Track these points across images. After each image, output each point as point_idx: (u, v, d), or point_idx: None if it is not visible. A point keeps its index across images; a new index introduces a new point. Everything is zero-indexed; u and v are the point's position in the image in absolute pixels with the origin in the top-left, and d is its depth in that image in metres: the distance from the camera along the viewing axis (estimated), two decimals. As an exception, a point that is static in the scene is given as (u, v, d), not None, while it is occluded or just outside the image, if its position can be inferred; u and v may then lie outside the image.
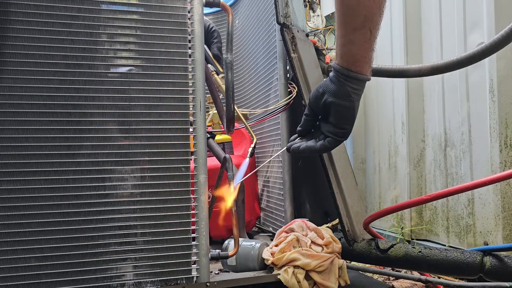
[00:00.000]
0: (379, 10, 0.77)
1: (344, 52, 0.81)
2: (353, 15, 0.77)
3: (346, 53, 0.81)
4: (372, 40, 0.79)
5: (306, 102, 1.29)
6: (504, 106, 1.38)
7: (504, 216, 1.37)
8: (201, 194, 0.98)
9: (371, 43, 0.79)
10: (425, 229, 1.75)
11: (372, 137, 2.11)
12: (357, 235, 1.18)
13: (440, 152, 1.68)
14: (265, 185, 1.61)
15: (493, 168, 1.40)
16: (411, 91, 1.81)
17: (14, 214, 0.85)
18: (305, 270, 1.06)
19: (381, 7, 0.78)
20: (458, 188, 0.92)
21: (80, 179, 0.89)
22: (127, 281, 0.92)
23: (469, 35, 1.51)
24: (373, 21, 0.77)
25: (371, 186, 2.11)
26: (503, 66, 1.38)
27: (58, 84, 0.88)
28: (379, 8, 0.77)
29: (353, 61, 0.81)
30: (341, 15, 0.78)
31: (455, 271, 1.00)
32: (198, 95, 0.98)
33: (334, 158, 1.24)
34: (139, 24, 0.94)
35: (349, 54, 0.80)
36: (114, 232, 0.92)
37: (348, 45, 0.80)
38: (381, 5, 0.77)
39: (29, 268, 0.86)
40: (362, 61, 0.81)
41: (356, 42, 0.79)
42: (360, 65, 0.81)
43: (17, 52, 0.86)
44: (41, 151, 0.87)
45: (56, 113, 0.88)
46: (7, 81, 0.85)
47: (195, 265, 0.97)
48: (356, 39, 0.78)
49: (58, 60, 0.88)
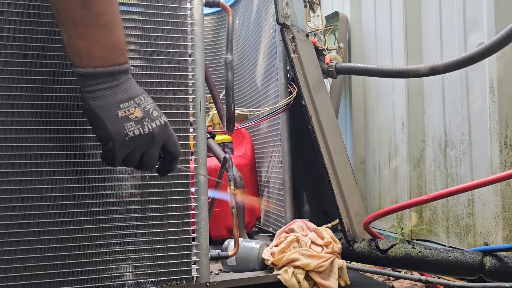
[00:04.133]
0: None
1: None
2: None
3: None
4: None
5: (306, 102, 1.29)
6: (504, 107, 1.38)
7: (504, 217, 1.37)
8: (201, 194, 0.98)
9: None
10: (425, 229, 1.75)
11: (372, 137, 2.11)
12: (357, 235, 1.18)
13: (440, 152, 1.68)
14: (265, 185, 1.61)
15: (493, 169, 1.40)
16: (411, 91, 1.82)
17: (14, 214, 0.85)
18: (305, 270, 1.05)
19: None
20: (458, 189, 0.92)
21: (80, 179, 0.89)
22: (127, 281, 0.92)
23: (469, 35, 1.51)
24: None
25: (371, 186, 2.11)
26: (503, 66, 1.38)
27: (58, 84, 0.88)
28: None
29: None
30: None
31: (455, 271, 1.00)
32: (198, 95, 0.98)
33: (334, 158, 1.24)
34: (139, 24, 0.94)
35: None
36: (114, 232, 0.92)
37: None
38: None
39: (29, 268, 0.86)
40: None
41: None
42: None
43: (17, 52, 0.86)
44: (41, 151, 0.87)
45: (56, 113, 0.88)
46: (7, 81, 0.85)
47: (195, 265, 0.97)
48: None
49: (58, 60, 0.88)
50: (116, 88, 0.75)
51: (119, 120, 0.74)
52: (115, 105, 0.75)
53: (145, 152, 0.78)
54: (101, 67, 0.74)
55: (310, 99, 1.31)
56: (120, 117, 0.75)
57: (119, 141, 0.74)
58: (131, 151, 0.77)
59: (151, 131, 0.77)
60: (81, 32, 0.72)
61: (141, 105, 0.77)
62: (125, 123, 0.75)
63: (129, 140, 0.75)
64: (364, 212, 1.26)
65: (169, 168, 0.84)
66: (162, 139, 0.79)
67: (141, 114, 0.76)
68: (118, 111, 0.75)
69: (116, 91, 0.75)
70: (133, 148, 0.76)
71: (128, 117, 0.75)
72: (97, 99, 0.74)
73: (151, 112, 0.78)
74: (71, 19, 0.72)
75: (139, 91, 0.78)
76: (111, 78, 0.75)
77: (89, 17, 0.72)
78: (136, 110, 0.76)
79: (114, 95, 0.75)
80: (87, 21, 0.72)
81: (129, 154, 0.77)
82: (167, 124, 0.80)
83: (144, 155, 0.79)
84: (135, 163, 0.79)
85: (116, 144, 0.74)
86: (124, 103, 0.75)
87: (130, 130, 0.75)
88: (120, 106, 0.75)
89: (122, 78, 0.76)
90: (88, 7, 0.71)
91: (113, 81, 0.75)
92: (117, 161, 0.76)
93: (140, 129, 0.76)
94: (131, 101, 0.76)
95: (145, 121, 0.76)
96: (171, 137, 0.81)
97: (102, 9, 0.72)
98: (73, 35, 0.73)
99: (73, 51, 0.74)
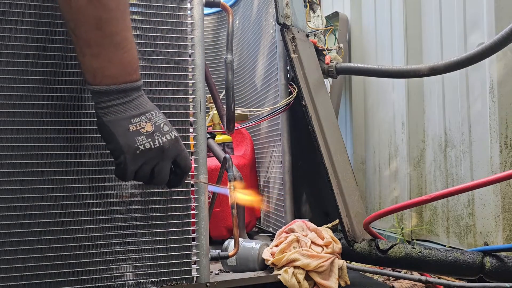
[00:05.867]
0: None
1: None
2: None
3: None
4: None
5: (306, 103, 1.29)
6: (504, 107, 1.38)
7: (504, 217, 1.37)
8: (201, 194, 0.98)
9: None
10: (425, 229, 1.75)
11: (372, 137, 2.11)
12: (357, 235, 1.18)
13: (440, 152, 1.68)
14: (265, 186, 1.61)
15: (493, 169, 1.40)
16: (411, 91, 1.81)
17: (14, 214, 0.85)
18: (305, 271, 1.05)
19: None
20: (458, 189, 0.92)
21: (80, 179, 0.89)
22: (127, 281, 0.92)
23: (469, 35, 1.51)
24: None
25: (371, 186, 2.11)
26: (503, 66, 1.38)
27: (59, 84, 0.88)
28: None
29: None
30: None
31: (455, 271, 1.00)
32: (198, 95, 0.98)
33: (334, 158, 1.24)
34: (139, 24, 0.94)
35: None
36: (114, 232, 0.92)
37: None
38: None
39: (29, 268, 0.86)
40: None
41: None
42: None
43: (17, 52, 0.85)
44: (41, 151, 0.87)
45: (56, 113, 0.88)
46: (7, 81, 0.85)
47: (195, 265, 0.97)
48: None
49: (59, 60, 0.88)
50: (128, 104, 0.77)
51: (130, 135, 0.76)
52: (126, 120, 0.76)
53: (155, 166, 0.79)
54: (113, 84, 0.75)
55: (310, 99, 1.31)
56: (131, 131, 0.76)
57: (130, 154, 0.76)
58: (142, 165, 0.78)
59: (162, 144, 0.78)
60: (95, 52, 0.73)
61: (152, 120, 0.78)
62: (136, 137, 0.76)
63: (140, 154, 0.76)
64: (364, 212, 1.26)
65: (179, 182, 0.85)
66: (172, 153, 0.80)
67: (152, 129, 0.78)
68: (129, 125, 0.76)
69: (128, 107, 0.77)
70: (144, 161, 0.77)
71: (139, 131, 0.76)
72: (109, 114, 0.76)
73: (162, 127, 0.79)
74: (86, 39, 0.73)
75: (150, 107, 0.80)
76: (124, 95, 0.76)
77: (103, 38, 0.73)
78: (147, 124, 0.77)
79: (125, 110, 0.77)
80: (101, 41, 0.73)
81: (140, 168, 0.78)
82: (178, 139, 0.81)
83: (155, 169, 0.79)
84: (147, 177, 0.80)
85: (127, 158, 0.76)
86: (135, 118, 0.77)
87: (141, 144, 0.76)
88: (131, 121, 0.76)
89: (134, 94, 0.77)
90: (102, 28, 0.72)
91: (125, 97, 0.77)
92: (129, 174, 0.77)
93: (151, 142, 0.77)
94: (142, 116, 0.77)
95: (155, 135, 0.77)
96: (182, 152, 0.82)
97: (116, 29, 0.74)
98: (88, 55, 0.74)
99: (87, 69, 0.75)
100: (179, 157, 0.81)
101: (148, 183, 0.82)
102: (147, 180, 0.81)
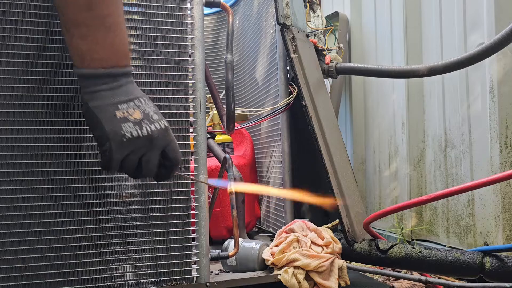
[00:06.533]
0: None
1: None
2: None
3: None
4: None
5: (306, 103, 1.29)
6: (504, 107, 1.38)
7: (504, 217, 1.37)
8: (201, 194, 0.98)
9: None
10: (425, 229, 1.75)
11: (372, 137, 2.11)
12: (357, 235, 1.18)
13: (440, 152, 1.68)
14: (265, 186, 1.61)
15: (493, 169, 1.40)
16: (411, 91, 1.81)
17: (14, 214, 0.85)
18: (305, 271, 1.05)
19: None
20: (458, 189, 0.92)
21: (80, 179, 0.89)
22: (127, 281, 0.92)
23: (469, 35, 1.51)
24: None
25: (371, 186, 2.11)
26: (503, 66, 1.38)
27: (59, 84, 0.88)
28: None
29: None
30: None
31: (455, 271, 1.00)
32: (198, 95, 0.98)
33: (334, 158, 1.24)
34: (139, 24, 0.94)
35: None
36: (114, 232, 0.92)
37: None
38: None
39: (29, 268, 0.86)
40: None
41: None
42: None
43: (18, 52, 0.85)
44: (41, 151, 0.87)
45: (56, 113, 0.88)
46: (7, 81, 0.85)
47: (195, 265, 0.97)
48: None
49: (59, 60, 0.88)
50: (117, 89, 0.74)
51: (116, 121, 0.72)
52: (113, 105, 0.73)
53: (143, 156, 0.75)
54: (101, 67, 0.73)
55: (310, 99, 1.31)
56: (118, 118, 0.72)
57: (116, 142, 0.72)
58: (129, 154, 0.74)
59: (150, 133, 0.74)
60: (84, 33, 0.71)
61: (140, 107, 0.75)
62: (123, 124, 0.72)
63: (127, 142, 0.72)
64: (364, 212, 1.26)
65: (168, 175, 0.81)
66: (161, 143, 0.76)
67: (141, 116, 0.74)
68: (116, 111, 0.73)
69: (116, 92, 0.74)
70: (131, 150, 0.73)
71: (127, 118, 0.73)
72: (96, 99, 0.73)
73: (151, 115, 0.75)
74: (75, 20, 0.71)
75: (139, 94, 0.77)
76: (112, 80, 0.74)
77: (93, 19, 0.71)
78: (135, 111, 0.74)
79: (113, 96, 0.73)
80: (90, 22, 0.71)
81: (126, 157, 0.74)
82: (168, 129, 0.78)
83: (143, 159, 0.75)
84: (133, 168, 0.76)
85: (113, 145, 0.72)
86: (123, 104, 0.73)
87: (127, 131, 0.72)
88: (118, 107, 0.73)
89: (123, 80, 0.75)
90: (93, 9, 0.70)
91: (114, 82, 0.74)
92: (115, 163, 0.73)
93: (138, 130, 0.73)
94: (130, 103, 0.74)
95: (144, 123, 0.74)
96: (171, 142, 0.78)
97: (107, 12, 0.72)
98: (76, 36, 0.72)
99: (74, 51, 0.73)
100: (168, 147, 0.77)
101: (135, 176, 0.78)
102: (134, 172, 0.77)
